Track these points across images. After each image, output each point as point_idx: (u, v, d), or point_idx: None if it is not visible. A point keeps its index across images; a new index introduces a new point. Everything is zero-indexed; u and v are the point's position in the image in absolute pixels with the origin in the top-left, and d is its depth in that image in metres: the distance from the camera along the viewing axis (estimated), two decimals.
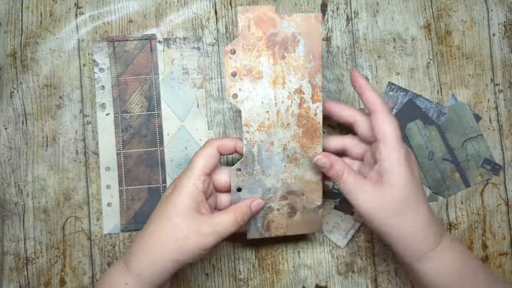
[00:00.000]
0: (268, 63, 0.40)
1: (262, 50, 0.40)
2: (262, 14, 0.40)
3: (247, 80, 0.40)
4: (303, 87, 0.41)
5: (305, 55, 0.41)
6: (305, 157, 0.42)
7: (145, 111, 0.51)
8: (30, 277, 0.49)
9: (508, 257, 0.51)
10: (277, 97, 0.41)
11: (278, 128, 0.42)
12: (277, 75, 0.41)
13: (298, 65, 0.41)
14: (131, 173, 0.50)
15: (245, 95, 0.41)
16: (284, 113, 0.41)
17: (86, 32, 0.51)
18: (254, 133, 0.41)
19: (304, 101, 0.41)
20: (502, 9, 0.52)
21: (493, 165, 0.51)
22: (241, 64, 0.40)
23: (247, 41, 0.40)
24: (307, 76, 0.41)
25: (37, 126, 0.50)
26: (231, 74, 0.40)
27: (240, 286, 0.50)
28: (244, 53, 0.40)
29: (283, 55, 0.40)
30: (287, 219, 0.44)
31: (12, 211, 0.49)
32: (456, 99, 0.52)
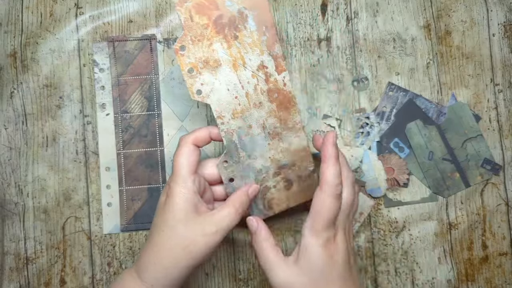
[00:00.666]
0: (223, 48, 0.39)
1: (213, 37, 0.38)
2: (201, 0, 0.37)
3: (206, 72, 0.39)
4: (265, 62, 0.40)
5: (257, 28, 0.39)
6: (285, 129, 0.42)
7: (145, 111, 0.51)
8: (30, 277, 0.49)
9: (508, 257, 0.51)
10: (241, 80, 0.39)
11: (252, 110, 0.40)
12: (235, 58, 0.39)
13: (254, 40, 0.39)
14: (131, 173, 0.50)
15: (209, 88, 0.39)
16: (253, 93, 0.40)
17: (86, 32, 0.51)
18: (229, 122, 0.40)
19: (270, 75, 0.40)
20: (502, 9, 0.52)
21: (493, 165, 0.51)
22: (195, 58, 0.38)
23: (194, 32, 0.38)
24: (265, 49, 0.39)
25: (37, 126, 0.50)
26: (187, 71, 0.38)
27: (240, 286, 0.50)
28: (195, 46, 0.38)
29: (235, 36, 0.38)
30: (286, 192, 0.44)
31: (12, 211, 0.50)
32: (456, 99, 0.52)
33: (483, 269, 0.51)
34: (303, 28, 0.52)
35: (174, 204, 0.38)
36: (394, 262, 0.51)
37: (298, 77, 0.52)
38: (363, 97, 0.52)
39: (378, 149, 0.51)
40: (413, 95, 0.52)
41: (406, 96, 0.52)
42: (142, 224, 0.50)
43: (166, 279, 0.37)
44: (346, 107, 0.52)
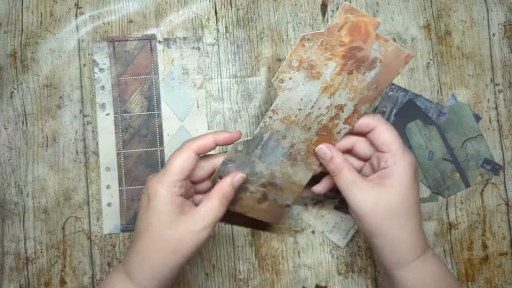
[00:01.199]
0: (333, 71, 0.38)
1: (336, 56, 0.38)
2: (362, 24, 0.36)
3: (303, 73, 0.38)
4: (346, 107, 0.39)
5: (370, 82, 0.38)
6: (303, 161, 0.42)
7: (145, 111, 0.51)
8: (30, 277, 0.49)
9: (508, 257, 0.51)
10: (317, 103, 0.39)
11: (298, 127, 0.40)
12: (332, 85, 0.39)
13: (357, 87, 0.39)
14: (131, 173, 0.50)
15: (291, 85, 0.39)
16: (313, 119, 0.40)
17: (86, 32, 0.51)
18: (276, 121, 0.40)
19: (338, 117, 0.40)
20: (502, 9, 0.52)
21: (493, 165, 0.51)
22: (308, 57, 0.38)
23: (330, 40, 0.37)
24: (357, 100, 0.39)
25: (37, 126, 0.50)
26: (293, 60, 0.38)
27: (240, 286, 0.50)
28: (319, 49, 0.37)
29: (351, 71, 0.38)
30: (254, 203, 0.45)
31: (12, 211, 0.49)
32: (456, 99, 0.52)
33: (483, 269, 0.51)
34: (303, 28, 0.52)
35: (158, 207, 0.37)
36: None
37: None
38: None
39: None
40: (413, 95, 0.52)
41: (406, 96, 0.52)
42: None
43: (156, 279, 0.37)
44: None
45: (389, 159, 0.38)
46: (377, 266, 0.51)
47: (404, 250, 0.38)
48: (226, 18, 0.52)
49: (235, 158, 0.42)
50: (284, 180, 0.43)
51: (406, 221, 0.38)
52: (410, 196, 0.38)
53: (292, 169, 0.43)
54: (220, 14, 0.52)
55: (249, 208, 0.45)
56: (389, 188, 0.38)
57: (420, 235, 0.39)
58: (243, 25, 0.52)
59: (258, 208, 0.45)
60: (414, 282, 0.38)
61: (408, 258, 0.38)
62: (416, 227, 0.38)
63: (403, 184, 0.38)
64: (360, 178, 0.39)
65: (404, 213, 0.38)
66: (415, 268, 0.38)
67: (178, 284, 0.50)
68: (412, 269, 0.38)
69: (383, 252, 0.39)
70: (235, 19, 0.52)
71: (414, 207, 0.38)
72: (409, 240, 0.38)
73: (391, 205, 0.37)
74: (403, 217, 0.38)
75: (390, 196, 0.37)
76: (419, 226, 0.39)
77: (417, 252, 0.38)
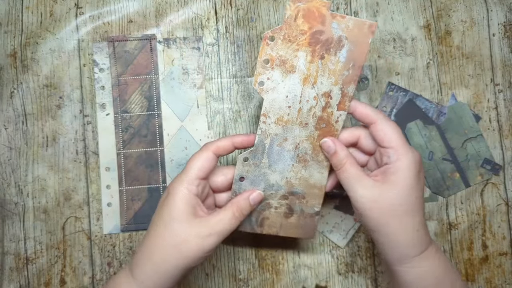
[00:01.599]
0: (305, 60, 0.38)
1: (303, 45, 0.38)
2: (314, 8, 0.37)
3: (278, 70, 0.39)
4: (333, 92, 0.39)
5: (346, 61, 0.38)
6: (314, 160, 0.41)
7: (145, 111, 0.51)
8: (30, 277, 0.49)
9: (508, 257, 0.51)
10: (303, 95, 0.39)
11: (295, 125, 0.40)
12: (310, 74, 0.39)
13: (335, 69, 0.39)
14: (131, 173, 0.50)
15: (272, 86, 0.39)
16: (306, 113, 0.40)
17: (86, 32, 0.51)
18: (270, 125, 0.40)
19: (329, 105, 0.40)
20: (502, 9, 0.52)
21: (493, 165, 0.51)
22: (277, 54, 0.38)
23: (290, 31, 0.38)
24: (340, 83, 0.39)
25: (37, 126, 0.50)
26: (263, 61, 0.38)
27: (240, 286, 0.50)
28: (283, 43, 0.38)
29: (322, 55, 0.38)
30: (282, 219, 0.43)
31: (12, 211, 0.49)
32: (456, 99, 0.52)
33: (483, 269, 0.51)
34: None
35: (173, 202, 0.38)
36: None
37: None
38: (363, 97, 0.52)
39: None
40: (413, 95, 0.52)
41: (406, 96, 0.52)
42: (142, 224, 0.50)
43: (157, 276, 0.37)
44: None
45: (392, 155, 0.38)
46: (379, 260, 0.51)
47: (405, 247, 0.38)
48: (226, 18, 0.52)
49: (245, 173, 0.41)
50: (304, 186, 0.42)
51: (407, 219, 0.38)
52: (412, 194, 0.38)
53: (307, 171, 0.42)
54: (220, 14, 0.52)
55: (278, 226, 0.44)
56: (391, 186, 0.37)
57: (422, 232, 0.38)
58: (243, 25, 0.52)
59: (289, 224, 0.44)
60: (415, 277, 0.38)
61: (409, 254, 0.38)
62: (418, 225, 0.38)
63: (405, 183, 0.37)
64: (362, 174, 0.39)
65: (406, 212, 0.38)
66: (416, 264, 0.38)
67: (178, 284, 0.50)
68: (413, 265, 0.38)
69: (384, 247, 0.39)
70: (235, 19, 0.52)
71: (416, 205, 0.38)
72: (410, 237, 0.38)
73: (392, 203, 0.37)
74: (405, 215, 0.38)
75: (392, 195, 0.37)
76: (421, 223, 0.39)
77: (418, 248, 0.38)
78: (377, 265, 0.51)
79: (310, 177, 0.42)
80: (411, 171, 0.37)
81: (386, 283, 0.51)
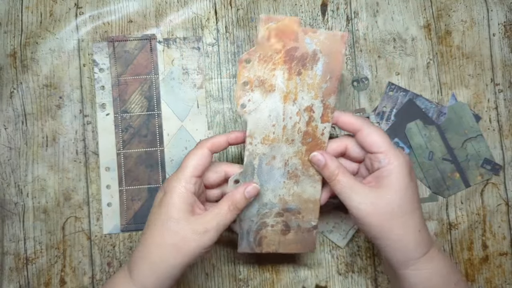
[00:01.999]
0: (283, 78, 0.39)
1: (279, 64, 0.38)
2: (285, 26, 0.37)
3: (258, 91, 0.39)
4: (314, 106, 0.40)
5: (323, 74, 0.39)
6: (305, 175, 0.41)
7: (145, 111, 0.51)
8: (30, 277, 0.49)
9: (508, 257, 0.51)
10: (285, 113, 0.39)
11: (282, 143, 0.40)
12: (290, 91, 0.39)
13: (313, 83, 0.39)
14: (131, 173, 0.50)
15: (254, 107, 0.39)
16: (290, 129, 0.40)
17: (86, 32, 0.51)
18: (257, 145, 0.40)
19: (313, 119, 0.40)
20: (502, 9, 0.52)
21: (493, 165, 0.51)
22: (254, 75, 0.39)
23: (265, 52, 0.38)
24: (320, 96, 0.39)
25: (37, 126, 0.50)
26: (242, 83, 0.39)
27: (240, 286, 0.50)
28: (260, 64, 0.38)
29: (299, 71, 0.39)
30: (280, 236, 0.43)
31: (12, 211, 0.49)
32: (456, 99, 0.52)
33: (483, 269, 0.51)
34: None
35: (171, 201, 0.38)
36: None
37: None
38: (363, 97, 0.52)
39: None
40: (413, 95, 0.52)
41: (406, 96, 0.51)
42: (142, 224, 0.50)
43: (155, 276, 0.37)
44: (346, 107, 0.52)
45: (383, 160, 0.38)
46: (383, 265, 0.51)
47: (409, 249, 0.38)
48: (226, 18, 0.52)
49: None
50: (297, 202, 0.42)
51: (408, 219, 0.38)
52: (408, 194, 0.38)
53: (299, 187, 0.42)
54: (220, 14, 0.52)
55: (277, 244, 0.44)
56: (386, 189, 0.38)
57: (423, 232, 0.39)
58: (243, 25, 0.52)
59: (287, 241, 0.44)
60: (422, 279, 0.38)
61: (414, 256, 0.38)
62: (419, 225, 0.38)
63: (400, 183, 0.38)
64: (356, 182, 0.39)
65: (405, 212, 0.38)
66: (422, 266, 0.38)
67: (178, 284, 0.50)
68: (419, 267, 0.38)
69: (388, 252, 0.39)
70: (235, 19, 0.52)
71: (414, 204, 0.38)
72: (413, 239, 0.38)
73: (390, 205, 0.37)
74: (405, 216, 0.38)
75: (389, 197, 0.37)
76: (421, 223, 0.39)
77: (422, 249, 0.38)
78: (377, 265, 0.51)
79: (303, 192, 0.42)
80: (404, 172, 0.38)
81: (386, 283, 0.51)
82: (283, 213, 0.42)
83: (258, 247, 0.44)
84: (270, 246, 0.44)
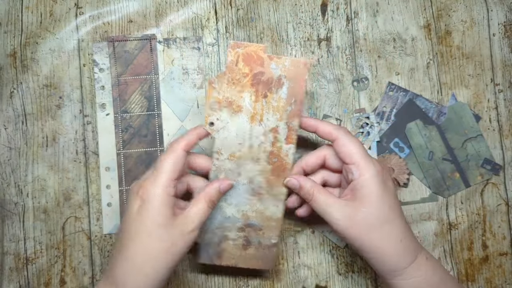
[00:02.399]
0: (250, 100, 0.41)
1: (246, 87, 0.41)
2: (252, 52, 0.41)
3: (226, 111, 0.41)
4: (279, 128, 0.42)
5: (287, 98, 0.41)
6: (269, 193, 0.43)
7: (145, 111, 0.51)
8: (30, 277, 0.49)
9: (508, 257, 0.51)
10: (252, 132, 0.42)
11: (248, 160, 0.42)
12: (256, 112, 0.42)
13: (278, 106, 0.41)
14: (131, 173, 0.50)
15: (222, 125, 0.42)
16: (256, 148, 0.42)
17: (86, 32, 0.51)
18: (224, 161, 0.42)
19: (278, 140, 0.42)
20: (502, 9, 0.52)
21: (493, 165, 0.51)
22: (223, 96, 0.41)
23: (233, 75, 0.41)
24: (285, 118, 0.42)
25: (37, 126, 0.50)
26: (211, 103, 0.41)
27: (240, 286, 0.50)
28: (228, 86, 0.41)
29: (265, 94, 0.41)
30: (240, 251, 0.44)
31: (12, 211, 0.49)
32: (456, 99, 0.52)
33: (483, 269, 0.51)
34: (303, 28, 0.52)
35: (152, 209, 0.37)
36: None
37: None
38: (363, 97, 0.52)
39: (378, 149, 0.51)
40: (413, 95, 0.52)
41: (406, 96, 0.52)
42: None
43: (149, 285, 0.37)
44: (346, 107, 0.52)
45: (355, 172, 0.38)
46: None
47: (392, 260, 0.38)
48: (226, 18, 0.52)
49: None
50: (260, 219, 0.43)
51: (388, 230, 0.38)
52: (384, 205, 0.38)
53: (262, 205, 0.43)
54: (220, 14, 0.52)
55: (237, 258, 0.45)
56: (361, 201, 0.38)
57: (407, 241, 0.38)
58: (243, 25, 0.52)
59: (247, 256, 0.45)
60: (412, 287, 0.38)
61: (399, 266, 0.38)
62: (401, 234, 0.38)
63: (373, 195, 0.38)
64: (332, 198, 0.39)
65: (383, 223, 0.38)
66: (409, 275, 0.38)
67: (178, 284, 0.50)
68: (405, 276, 0.38)
69: (373, 264, 0.39)
70: (235, 19, 0.52)
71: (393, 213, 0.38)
72: (394, 248, 0.38)
73: (367, 218, 0.38)
74: (384, 226, 0.38)
75: (364, 210, 0.38)
76: (404, 232, 0.39)
77: (406, 259, 0.38)
78: None
79: (265, 209, 0.43)
80: (376, 183, 0.38)
81: None
82: (245, 228, 0.44)
83: (218, 259, 0.45)
84: (230, 260, 0.45)
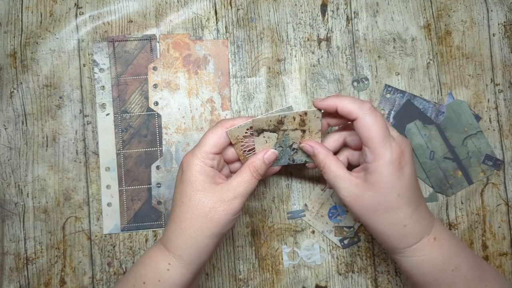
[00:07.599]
0: (184, 78, 0.50)
1: (179, 68, 0.50)
2: (179, 40, 0.50)
3: (166, 90, 0.50)
4: (214, 98, 0.50)
5: (215, 72, 0.51)
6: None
7: (145, 111, 0.51)
8: (30, 277, 0.49)
9: (508, 257, 0.51)
10: (191, 105, 0.50)
11: (193, 131, 0.50)
12: (192, 87, 0.50)
13: (209, 79, 0.50)
14: (131, 173, 0.50)
15: (164, 103, 0.50)
16: (198, 119, 0.50)
17: (86, 32, 0.51)
18: (172, 135, 0.50)
19: (215, 109, 0.50)
20: (502, 9, 0.52)
21: (495, 160, 0.51)
22: (161, 78, 0.50)
23: (167, 60, 0.50)
24: (217, 89, 0.50)
25: (37, 126, 0.50)
26: (153, 85, 0.50)
27: (240, 286, 0.50)
28: (164, 69, 0.50)
29: (196, 72, 0.50)
30: None
31: (12, 211, 0.49)
32: (453, 97, 0.52)
33: None
34: (303, 28, 0.52)
35: (191, 176, 0.39)
36: (394, 262, 0.51)
37: (298, 77, 0.52)
38: (363, 97, 0.52)
39: None
40: (410, 96, 0.52)
41: (403, 97, 0.51)
42: (142, 224, 0.50)
43: (193, 248, 0.38)
44: None
45: (368, 156, 0.38)
46: (379, 260, 0.51)
47: (392, 241, 0.39)
48: (226, 18, 0.52)
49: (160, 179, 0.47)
50: None
51: (390, 216, 0.38)
52: (391, 193, 0.37)
53: None
54: (220, 14, 0.52)
55: None
56: (369, 186, 0.38)
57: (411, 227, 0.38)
58: (243, 25, 0.52)
59: None
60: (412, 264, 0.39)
61: (399, 246, 0.39)
62: (405, 220, 0.38)
63: (382, 184, 0.37)
64: (343, 173, 0.39)
65: (387, 209, 0.38)
66: (411, 254, 0.39)
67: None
68: (407, 254, 0.39)
69: (376, 238, 0.41)
70: (235, 19, 0.52)
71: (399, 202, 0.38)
72: (397, 232, 0.38)
73: (371, 202, 0.38)
74: (386, 213, 0.38)
75: (371, 194, 0.38)
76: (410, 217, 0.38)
77: (410, 240, 0.38)
78: (377, 265, 0.51)
79: None
80: (388, 171, 0.37)
81: (386, 282, 0.51)
82: None
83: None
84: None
